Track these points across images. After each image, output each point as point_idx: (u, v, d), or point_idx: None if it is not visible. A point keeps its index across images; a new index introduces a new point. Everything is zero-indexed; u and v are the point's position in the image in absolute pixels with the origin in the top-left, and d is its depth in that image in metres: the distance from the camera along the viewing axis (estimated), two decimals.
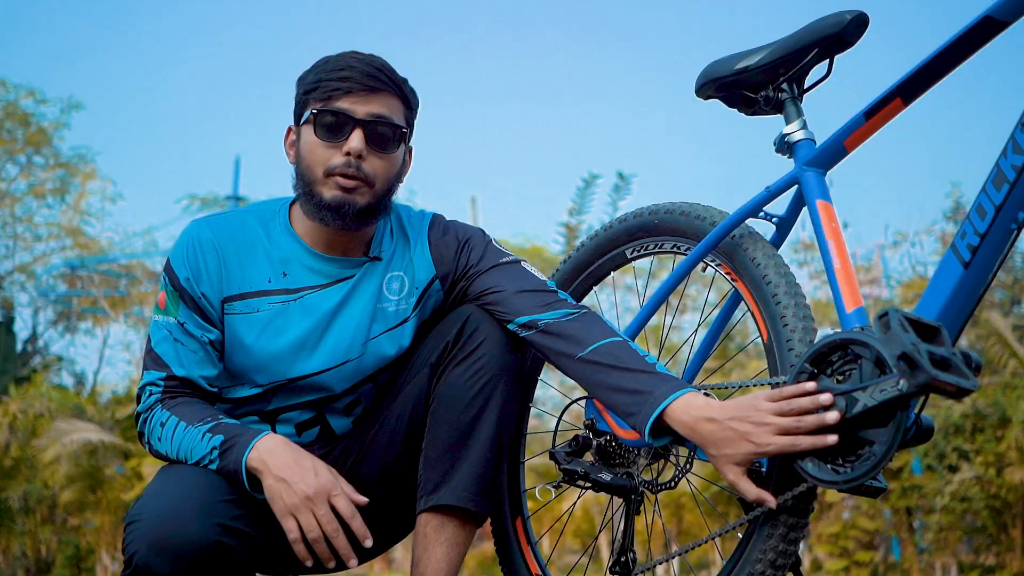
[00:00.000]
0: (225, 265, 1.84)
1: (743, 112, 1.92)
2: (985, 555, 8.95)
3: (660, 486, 1.89)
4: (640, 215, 2.02)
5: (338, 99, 1.79)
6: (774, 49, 1.82)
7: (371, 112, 1.79)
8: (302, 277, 1.86)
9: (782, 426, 1.53)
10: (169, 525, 1.64)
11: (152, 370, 1.83)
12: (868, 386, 1.49)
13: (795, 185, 1.80)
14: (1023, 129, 1.48)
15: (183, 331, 1.83)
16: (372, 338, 1.88)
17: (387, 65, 1.83)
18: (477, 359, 1.80)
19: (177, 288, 1.83)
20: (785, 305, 1.72)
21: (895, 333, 1.40)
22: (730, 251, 1.83)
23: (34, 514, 10.97)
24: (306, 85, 1.83)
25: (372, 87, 1.79)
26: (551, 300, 1.82)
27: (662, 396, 1.64)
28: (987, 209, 1.50)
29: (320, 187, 1.81)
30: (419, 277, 1.90)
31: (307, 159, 1.82)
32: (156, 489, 1.71)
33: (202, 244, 1.84)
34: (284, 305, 1.85)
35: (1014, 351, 8.97)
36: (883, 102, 1.67)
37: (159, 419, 1.79)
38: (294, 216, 1.90)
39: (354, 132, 1.78)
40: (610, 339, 1.74)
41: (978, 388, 1.41)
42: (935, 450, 8.32)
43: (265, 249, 1.87)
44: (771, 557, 1.66)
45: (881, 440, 1.49)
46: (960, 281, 1.53)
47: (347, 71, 1.79)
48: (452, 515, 1.81)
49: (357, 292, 1.87)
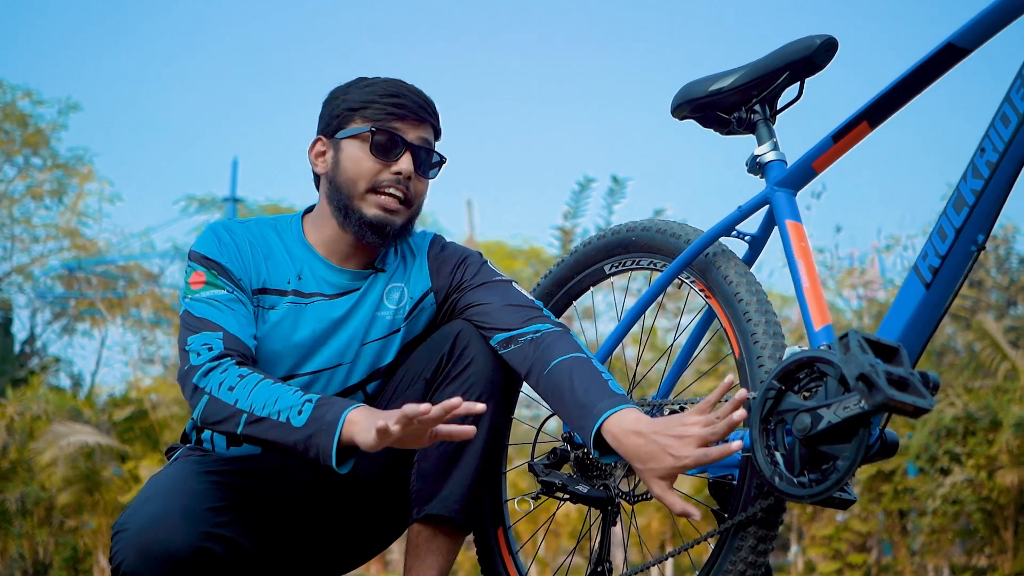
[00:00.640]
0: (255, 259, 1.90)
1: (718, 132, 1.97)
2: (977, 557, 9.00)
3: (636, 497, 1.94)
4: (618, 232, 2.07)
5: (391, 121, 1.88)
6: (746, 71, 1.87)
7: (420, 137, 1.90)
8: (313, 284, 1.93)
9: (700, 436, 1.57)
10: (155, 532, 1.67)
11: (203, 331, 1.79)
12: (832, 403, 1.54)
13: (766, 205, 1.84)
14: (981, 154, 1.53)
15: (233, 299, 1.84)
16: (365, 343, 1.94)
17: (432, 101, 1.94)
18: (468, 376, 1.87)
19: (215, 267, 1.85)
20: (756, 322, 1.77)
21: (854, 354, 1.44)
22: (704, 268, 1.88)
23: (31, 516, 11.01)
24: (351, 102, 1.91)
25: (422, 117, 1.90)
26: (533, 315, 1.88)
27: (603, 410, 1.68)
28: (948, 232, 1.55)
29: (360, 202, 1.88)
30: (415, 290, 1.97)
31: (350, 172, 1.88)
32: (143, 498, 1.75)
33: (235, 237, 1.90)
34: (296, 307, 1.91)
35: (1006, 355, 9.02)
36: (850, 125, 1.72)
37: (236, 372, 1.75)
38: (307, 228, 1.97)
39: (405, 154, 1.88)
40: (572, 355, 1.79)
41: (934, 407, 1.46)
42: (927, 453, 8.37)
43: (283, 254, 1.94)
44: (740, 568, 1.71)
45: (844, 456, 1.54)
46: (922, 301, 1.57)
47: (402, 98, 1.89)
48: (443, 526, 1.88)
49: (361, 302, 1.94)
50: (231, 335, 1.79)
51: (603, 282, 2.12)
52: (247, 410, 1.71)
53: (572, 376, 1.76)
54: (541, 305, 1.92)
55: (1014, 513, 8.44)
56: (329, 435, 1.65)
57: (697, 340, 2.03)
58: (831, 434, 1.55)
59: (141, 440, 11.29)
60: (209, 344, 1.78)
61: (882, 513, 8.99)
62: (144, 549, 1.67)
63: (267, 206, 19.29)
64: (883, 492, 8.70)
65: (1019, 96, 1.50)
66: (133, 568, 1.68)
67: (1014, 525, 8.46)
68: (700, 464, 1.59)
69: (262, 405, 1.70)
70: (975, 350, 9.92)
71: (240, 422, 1.71)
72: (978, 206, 1.53)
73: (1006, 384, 8.86)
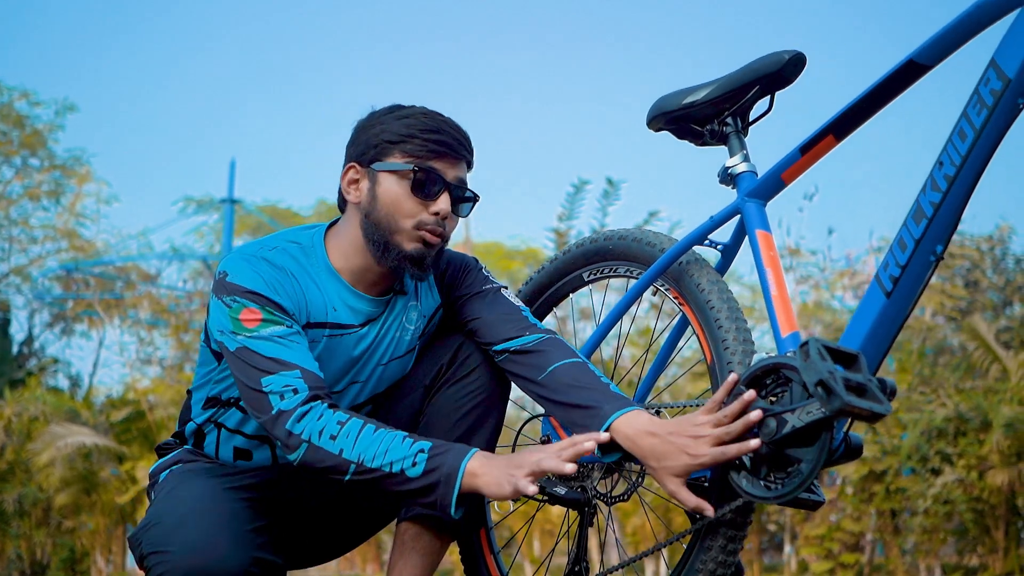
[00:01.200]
0: (299, 292, 1.87)
1: (693, 143, 2.02)
2: (968, 557, 9.06)
3: (614, 499, 1.99)
4: (596, 240, 2.12)
5: (431, 159, 1.86)
6: (719, 85, 1.92)
7: (457, 177, 1.89)
8: (345, 316, 1.91)
9: (715, 436, 1.64)
10: (205, 557, 1.67)
11: (279, 372, 1.76)
12: (796, 408, 1.60)
13: (738, 215, 1.90)
14: (940, 168, 1.58)
15: (294, 333, 1.81)
16: (386, 363, 1.97)
17: (468, 135, 1.92)
18: (470, 383, 1.92)
19: (269, 303, 1.81)
20: (727, 329, 1.82)
21: (814, 361, 1.50)
22: (678, 276, 1.94)
23: (29, 517, 11.06)
24: (390, 134, 1.87)
25: (461, 155, 1.89)
26: (523, 325, 1.92)
27: (609, 412, 1.74)
28: (907, 242, 1.60)
29: (401, 237, 1.86)
30: (428, 306, 2.01)
31: (390, 208, 1.86)
32: (180, 517, 1.73)
33: (276, 269, 1.85)
34: (332, 339, 1.90)
35: (997, 356, 9.08)
36: (817, 138, 1.77)
37: (335, 418, 1.74)
38: (332, 252, 1.93)
39: (443, 194, 1.86)
40: (568, 360, 1.84)
41: (891, 412, 1.51)
42: (918, 453, 8.43)
43: (316, 283, 1.90)
44: (711, 567, 1.76)
45: (808, 459, 1.60)
46: (883, 310, 1.63)
47: (442, 135, 1.87)
48: (429, 525, 1.93)
49: (386, 329, 1.95)
50: (309, 372, 1.77)
51: (582, 289, 2.18)
52: (355, 460, 1.71)
53: (572, 380, 1.81)
54: (527, 311, 1.97)
55: (1005, 513, 8.50)
56: (449, 487, 1.69)
57: (672, 346, 2.08)
58: (795, 438, 1.60)
59: (138, 441, 11.35)
60: (293, 387, 1.75)
61: (874, 513, 9.05)
62: (192, 572, 1.66)
63: (264, 207, 19.35)
64: (875, 492, 8.76)
65: (975, 112, 1.55)
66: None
67: (1005, 525, 8.52)
68: (717, 462, 1.65)
69: (372, 456, 1.71)
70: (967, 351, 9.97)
71: (348, 471, 1.72)
72: (936, 218, 1.58)
73: (997, 385, 8.92)
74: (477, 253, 17.87)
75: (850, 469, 8.67)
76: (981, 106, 1.55)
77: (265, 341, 1.78)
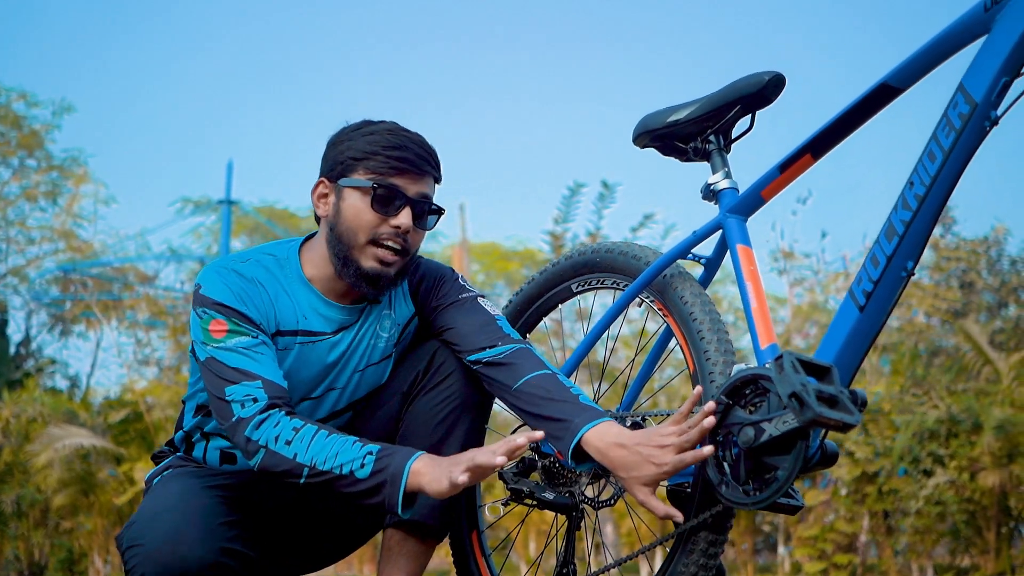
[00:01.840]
0: (268, 302, 1.95)
1: (677, 159, 2.09)
2: (960, 557, 9.12)
3: (601, 503, 2.06)
4: (584, 253, 2.19)
5: (392, 176, 1.92)
6: (701, 104, 1.99)
7: (420, 192, 1.94)
8: (317, 323, 1.99)
9: (677, 444, 1.72)
10: (174, 547, 1.76)
11: (241, 382, 1.84)
12: (773, 418, 1.67)
13: (720, 230, 1.96)
14: (910, 188, 1.65)
15: (259, 343, 1.89)
16: (362, 369, 2.03)
17: (434, 150, 1.98)
18: (444, 389, 1.99)
19: (236, 314, 1.89)
20: (708, 340, 1.89)
21: (787, 374, 1.57)
22: (662, 289, 2.00)
23: (27, 518, 11.09)
24: (355, 151, 1.94)
25: (423, 171, 1.95)
26: (498, 335, 1.98)
27: (580, 425, 1.81)
28: (879, 259, 1.68)
29: (359, 254, 1.93)
30: (401, 316, 2.07)
31: (351, 223, 1.93)
32: (154, 513, 1.82)
33: (245, 280, 1.93)
34: (304, 347, 1.98)
35: (988, 358, 9.15)
36: (795, 157, 1.84)
37: (290, 424, 1.81)
38: (305, 263, 2.01)
39: (404, 209, 1.92)
40: (540, 372, 1.91)
41: (860, 422, 1.58)
42: (910, 455, 8.50)
43: (287, 293, 1.98)
44: (693, 570, 1.83)
45: (784, 466, 1.67)
46: (856, 323, 1.70)
47: (404, 151, 1.92)
48: (414, 531, 1.99)
49: (360, 336, 2.02)
50: (270, 382, 1.85)
51: (570, 299, 2.24)
52: (308, 464, 1.79)
53: (542, 392, 1.87)
54: (503, 319, 2.02)
55: (996, 514, 8.57)
56: (395, 487, 1.77)
57: (657, 356, 2.15)
58: (772, 446, 1.67)
59: (136, 442, 11.38)
60: (253, 396, 1.83)
61: (867, 514, 9.11)
62: (163, 564, 1.76)
63: (262, 208, 19.40)
64: (868, 493, 8.83)
65: (944, 135, 1.62)
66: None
67: (996, 526, 8.59)
68: (678, 469, 1.72)
69: (324, 459, 1.78)
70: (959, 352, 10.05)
71: (303, 474, 1.80)
72: (907, 235, 1.65)
73: (988, 387, 8.99)
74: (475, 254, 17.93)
75: (843, 471, 8.74)
76: (950, 128, 1.62)
77: (230, 352, 1.87)
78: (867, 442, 8.72)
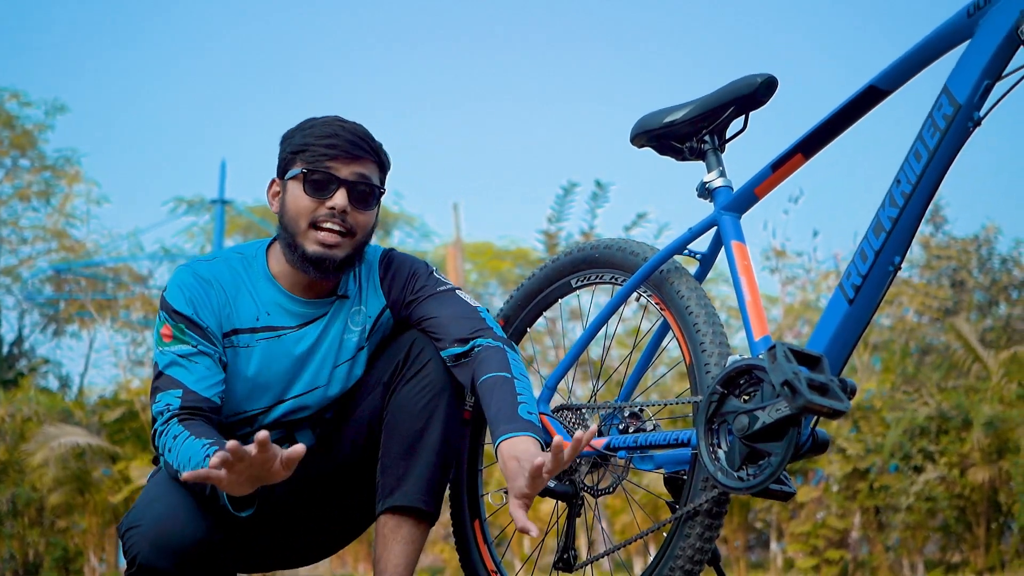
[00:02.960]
0: (223, 302, 2.04)
1: (674, 159, 2.16)
2: (951, 553, 9.22)
3: (600, 491, 2.13)
4: (583, 249, 2.26)
5: (325, 161, 1.99)
6: (697, 105, 2.06)
7: (354, 172, 2.01)
8: (280, 318, 2.07)
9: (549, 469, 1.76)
10: (169, 526, 1.87)
11: (167, 390, 1.95)
12: (767, 406, 1.74)
13: (715, 227, 2.04)
14: (897, 185, 1.73)
15: (196, 353, 1.98)
16: (337, 366, 2.10)
17: (368, 133, 2.05)
18: (423, 377, 2.05)
19: (183, 320, 1.99)
20: (704, 333, 1.97)
21: (780, 363, 1.64)
22: (659, 284, 2.08)
23: (22, 517, 11.11)
24: (293, 146, 2.03)
25: (355, 154, 2.01)
26: (478, 328, 2.05)
27: (500, 433, 1.89)
28: (868, 254, 1.75)
29: (303, 239, 2.01)
30: (372, 308, 2.13)
31: (292, 211, 2.02)
32: (150, 499, 1.94)
33: (202, 282, 2.02)
34: (268, 342, 2.06)
35: (978, 355, 9.25)
36: (787, 156, 1.92)
37: (173, 432, 1.90)
38: (271, 260, 2.09)
39: (339, 190, 2.00)
40: (498, 373, 1.97)
41: (850, 409, 1.66)
42: (901, 451, 8.59)
43: (250, 292, 2.07)
44: (689, 554, 1.90)
45: (777, 452, 1.74)
46: (846, 316, 1.77)
47: (333, 138, 2.00)
48: (407, 516, 2.05)
49: (328, 329, 2.09)
50: (191, 392, 1.95)
51: (570, 295, 2.31)
52: (178, 467, 1.86)
53: (492, 394, 1.95)
54: (485, 314, 2.09)
55: (986, 510, 8.67)
56: None
57: (654, 349, 2.22)
58: (765, 433, 1.75)
59: (131, 441, 11.42)
60: (169, 403, 1.94)
61: (859, 510, 9.20)
62: (157, 542, 1.86)
63: (255, 208, 19.43)
64: (859, 490, 8.92)
65: (929, 134, 1.70)
66: (147, 559, 1.87)
67: (986, 521, 8.69)
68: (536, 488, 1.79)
69: (185, 462, 1.85)
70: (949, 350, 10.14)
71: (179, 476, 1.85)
72: (894, 231, 1.73)
73: (978, 384, 9.09)
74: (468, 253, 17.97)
75: (835, 467, 8.83)
76: (935, 129, 1.69)
77: (168, 358, 1.98)
78: (858, 439, 8.81)
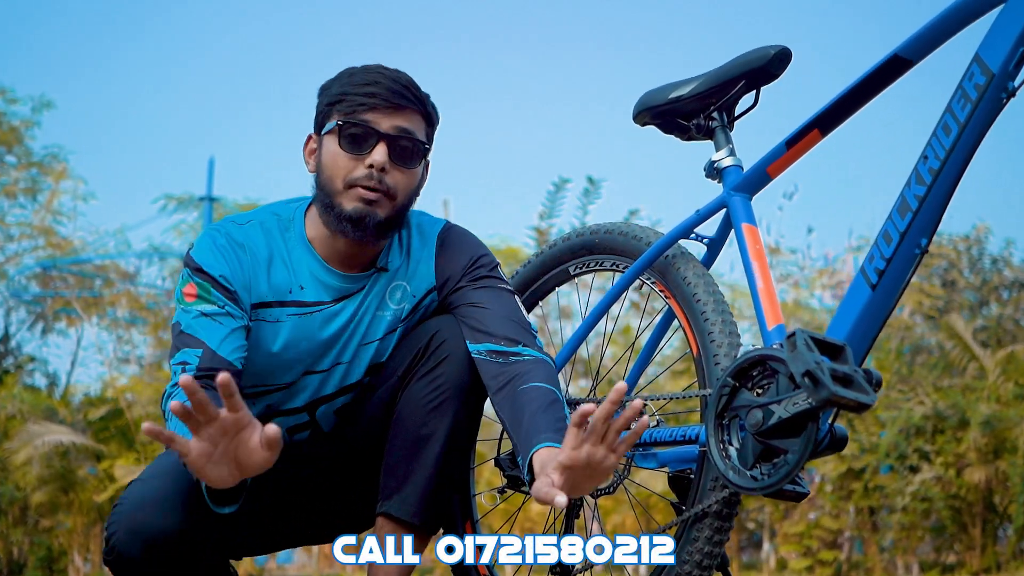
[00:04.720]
0: (255, 271, 1.86)
1: (679, 138, 2.03)
2: (946, 554, 9.14)
3: (599, 491, 2.00)
4: (582, 234, 2.13)
5: (363, 112, 1.81)
6: (704, 80, 1.93)
7: (395, 126, 1.81)
8: (314, 292, 1.88)
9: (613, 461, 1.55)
10: (146, 513, 1.71)
11: (187, 348, 1.77)
12: (783, 399, 1.61)
13: (724, 208, 1.91)
14: (924, 162, 1.60)
15: (223, 314, 1.80)
16: (365, 344, 1.92)
17: (412, 82, 1.85)
18: (438, 376, 1.86)
19: (210, 280, 1.81)
20: (713, 322, 1.84)
21: (801, 352, 1.51)
22: (663, 270, 1.94)
23: (6, 516, 10.97)
24: (330, 96, 1.84)
25: (397, 104, 1.81)
26: (527, 339, 1.85)
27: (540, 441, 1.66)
28: (892, 236, 1.62)
29: (341, 198, 1.82)
30: (419, 286, 1.93)
31: (329, 169, 1.83)
32: (143, 477, 1.78)
33: (235, 245, 1.85)
34: (300, 318, 1.88)
35: (974, 355, 9.17)
36: (803, 132, 1.79)
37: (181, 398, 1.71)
38: (309, 224, 1.90)
39: (378, 145, 1.80)
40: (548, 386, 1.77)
41: (875, 402, 1.53)
42: (897, 451, 8.50)
43: (284, 260, 1.88)
44: (697, 559, 1.77)
45: (794, 449, 1.61)
46: (868, 302, 1.64)
47: (373, 86, 1.81)
48: (402, 525, 1.90)
49: (364, 305, 1.90)
50: (210, 351, 1.77)
51: (568, 282, 2.18)
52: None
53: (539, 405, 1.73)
54: (536, 329, 1.91)
55: (982, 510, 8.59)
56: None
57: (658, 339, 2.09)
58: (781, 429, 1.62)
59: (116, 439, 11.28)
60: (186, 361, 1.77)
61: (853, 510, 9.11)
62: (132, 527, 1.71)
63: (244, 205, 19.25)
64: (854, 490, 8.83)
65: (959, 107, 1.57)
66: (122, 544, 1.72)
67: (982, 522, 8.61)
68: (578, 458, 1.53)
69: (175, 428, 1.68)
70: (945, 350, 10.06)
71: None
72: (921, 211, 1.60)
73: (974, 383, 9.00)
74: None
75: (829, 467, 8.73)
76: (965, 100, 1.57)
77: (191, 317, 1.80)
78: (853, 438, 8.71)
